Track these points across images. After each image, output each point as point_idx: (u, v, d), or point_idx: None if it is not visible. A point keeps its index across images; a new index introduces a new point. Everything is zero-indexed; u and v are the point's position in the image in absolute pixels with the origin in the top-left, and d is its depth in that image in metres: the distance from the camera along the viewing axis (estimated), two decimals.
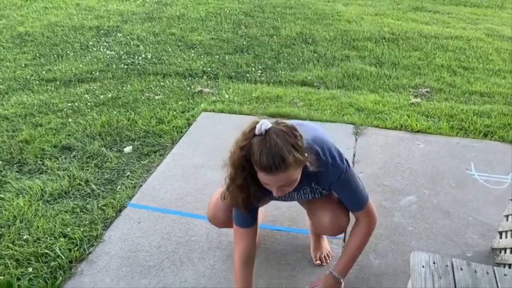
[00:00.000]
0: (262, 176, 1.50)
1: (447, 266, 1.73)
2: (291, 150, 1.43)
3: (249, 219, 1.78)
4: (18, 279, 2.08)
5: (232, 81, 4.46)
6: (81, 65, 4.76)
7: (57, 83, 4.40)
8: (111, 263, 2.20)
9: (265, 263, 2.19)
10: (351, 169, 1.72)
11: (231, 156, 1.55)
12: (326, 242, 2.23)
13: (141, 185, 2.77)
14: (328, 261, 2.18)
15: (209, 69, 4.71)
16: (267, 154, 1.41)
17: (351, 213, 1.90)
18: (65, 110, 3.77)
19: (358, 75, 4.56)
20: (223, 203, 1.89)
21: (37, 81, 4.41)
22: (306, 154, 1.52)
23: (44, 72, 4.64)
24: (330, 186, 1.77)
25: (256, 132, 1.44)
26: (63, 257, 2.18)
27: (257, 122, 1.46)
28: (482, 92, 4.18)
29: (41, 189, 2.69)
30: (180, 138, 3.30)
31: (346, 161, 1.72)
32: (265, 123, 1.44)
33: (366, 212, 1.83)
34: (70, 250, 2.24)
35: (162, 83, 4.35)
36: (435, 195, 2.65)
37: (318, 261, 2.17)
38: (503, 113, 3.62)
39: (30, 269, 2.12)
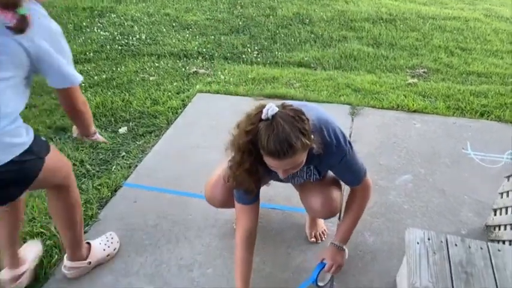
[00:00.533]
0: (269, 161, 1.48)
1: (442, 242, 1.75)
2: (298, 136, 1.41)
3: (251, 198, 1.77)
4: None
5: (228, 62, 4.42)
6: (74, 46, 4.70)
7: None
8: None
9: (261, 240, 2.18)
10: (353, 150, 1.72)
11: (235, 140, 1.53)
12: (321, 220, 2.23)
13: (136, 165, 2.76)
14: (323, 238, 2.19)
15: (204, 50, 4.66)
16: (275, 140, 1.38)
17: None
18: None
19: (356, 55, 4.53)
20: (221, 183, 1.89)
21: None
22: (312, 137, 1.50)
23: None
24: (331, 167, 1.78)
25: (263, 116, 1.41)
26: (59, 236, 2.17)
27: (263, 106, 1.43)
28: (479, 72, 4.16)
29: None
30: (175, 119, 3.28)
31: (349, 142, 1.70)
32: (272, 108, 1.40)
33: (362, 185, 1.83)
34: None
35: (156, 64, 4.30)
36: (431, 174, 2.66)
37: (313, 239, 2.18)
38: (500, 93, 3.61)
39: None
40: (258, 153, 1.49)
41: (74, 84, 1.59)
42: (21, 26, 1.35)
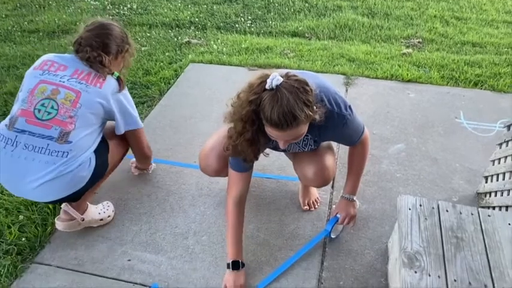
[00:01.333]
0: (271, 131, 1.48)
1: (433, 208, 1.77)
2: (302, 108, 1.40)
3: (246, 165, 1.78)
4: (9, 227, 2.08)
5: (221, 32, 4.35)
6: (64, 16, 4.59)
7: (40, 34, 4.26)
8: None
9: (255, 209, 2.21)
10: (353, 113, 1.71)
11: (236, 109, 1.52)
12: (314, 189, 2.25)
13: None
14: (316, 206, 2.21)
15: (197, 19, 4.58)
16: (279, 111, 1.37)
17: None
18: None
19: (350, 25, 4.46)
20: (216, 152, 1.89)
21: (19, 33, 4.27)
22: (315, 108, 1.49)
23: (25, 23, 4.48)
24: (331, 135, 1.77)
25: (267, 86, 1.39)
26: (53, 206, 2.18)
27: (267, 76, 1.41)
28: (474, 42, 4.12)
29: None
30: (168, 90, 3.25)
31: (350, 107, 1.69)
32: (276, 78, 1.38)
33: (361, 140, 1.86)
34: None
35: (148, 34, 4.23)
36: (424, 143, 2.67)
37: (306, 207, 2.20)
38: (494, 62, 3.59)
39: (20, 217, 2.12)
40: (260, 123, 1.49)
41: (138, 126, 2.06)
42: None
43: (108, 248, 2.02)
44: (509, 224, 1.69)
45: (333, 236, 2.02)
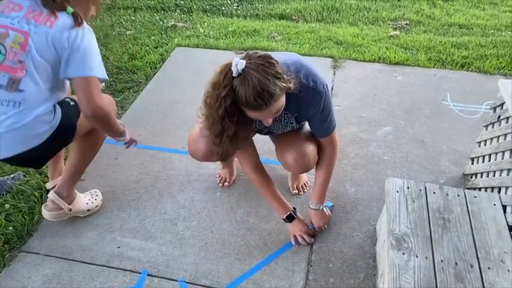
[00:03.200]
0: (252, 114, 1.47)
1: (420, 190, 1.79)
2: (274, 82, 1.39)
3: (243, 144, 1.73)
4: None
5: (207, 15, 4.29)
6: None
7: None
8: None
9: (244, 193, 2.21)
10: (329, 96, 1.70)
11: (210, 113, 1.50)
12: (304, 177, 2.26)
13: None
14: (305, 190, 2.22)
15: (182, 2, 4.50)
16: (254, 93, 1.37)
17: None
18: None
19: (338, 7, 4.43)
20: (204, 136, 1.86)
21: None
22: (286, 76, 1.47)
23: None
24: (307, 113, 1.74)
25: (234, 74, 1.38)
26: (40, 192, 2.15)
27: (229, 65, 1.39)
28: (461, 24, 4.13)
29: None
30: (154, 74, 3.21)
31: (327, 86, 1.67)
32: (239, 63, 1.37)
33: (331, 138, 1.85)
34: (47, 186, 2.21)
35: (133, 18, 4.15)
36: (411, 125, 2.69)
37: (295, 191, 2.21)
38: (481, 44, 3.61)
39: (6, 206, 2.10)
40: (239, 113, 1.48)
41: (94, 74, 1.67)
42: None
43: (97, 235, 2.01)
44: (495, 205, 1.72)
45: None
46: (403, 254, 1.52)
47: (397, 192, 1.77)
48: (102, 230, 2.03)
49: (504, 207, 1.71)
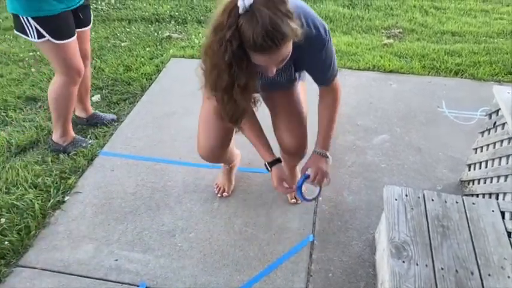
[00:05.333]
0: (260, 58, 1.29)
1: (419, 197, 1.79)
2: (286, 21, 1.21)
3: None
4: None
5: (202, 26, 4.30)
6: None
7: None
8: (85, 211, 2.17)
9: (242, 203, 2.20)
10: (331, 40, 1.57)
11: (217, 57, 1.29)
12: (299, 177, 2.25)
13: (112, 134, 2.70)
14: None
15: (177, 13, 4.51)
16: (263, 32, 1.18)
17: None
18: (27, 59, 3.58)
19: (331, 17, 4.46)
20: (214, 131, 1.82)
21: None
22: (298, 21, 1.30)
23: (0, 20, 4.36)
24: (309, 61, 1.61)
25: (241, 11, 1.18)
26: (36, 207, 2.13)
27: (230, 2, 1.20)
28: (453, 31, 4.17)
29: (7, 141, 2.59)
30: (149, 86, 3.20)
31: (329, 32, 1.54)
32: None
33: (334, 85, 1.70)
34: (42, 200, 2.19)
35: (127, 29, 4.15)
36: (407, 132, 2.70)
37: (293, 200, 2.20)
38: (474, 51, 3.64)
39: (2, 220, 2.07)
40: (248, 58, 1.30)
41: None
42: None
43: (94, 248, 1.99)
44: (493, 211, 1.72)
45: (308, 198, 1.90)
46: (403, 262, 1.52)
47: (396, 200, 1.77)
48: (99, 243, 2.01)
49: (502, 213, 1.71)
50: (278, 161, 1.76)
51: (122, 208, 2.20)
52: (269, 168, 1.76)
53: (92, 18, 2.42)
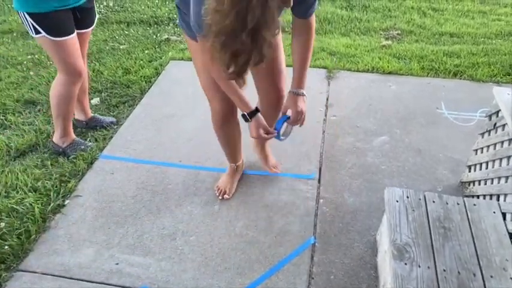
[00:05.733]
0: None
1: (420, 199, 1.79)
2: None
3: None
4: None
5: None
6: None
7: (14, 34, 4.14)
8: (86, 215, 2.17)
9: (243, 206, 2.20)
10: None
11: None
12: (271, 156, 2.40)
13: (111, 137, 2.70)
14: (279, 167, 2.38)
15: (175, 16, 4.51)
16: None
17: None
18: (25, 62, 3.57)
19: (330, 18, 4.47)
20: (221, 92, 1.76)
21: None
22: None
23: None
24: None
25: None
26: (36, 211, 2.12)
27: None
28: (451, 32, 4.18)
29: (6, 145, 2.58)
30: (149, 88, 3.20)
31: None
32: None
33: (311, 19, 1.68)
34: (42, 204, 2.19)
35: (126, 32, 4.15)
36: (407, 134, 2.70)
37: (274, 169, 2.33)
38: (472, 52, 3.65)
39: (2, 224, 2.06)
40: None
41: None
42: None
43: (94, 252, 1.98)
44: (494, 213, 1.72)
45: (282, 138, 1.91)
46: (405, 264, 1.52)
47: (397, 201, 1.77)
48: (99, 247, 2.01)
49: (504, 215, 1.71)
50: (257, 110, 1.78)
51: (122, 211, 2.19)
52: (249, 119, 1.77)
53: (94, 22, 2.42)
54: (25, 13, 2.08)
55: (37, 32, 2.13)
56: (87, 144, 2.59)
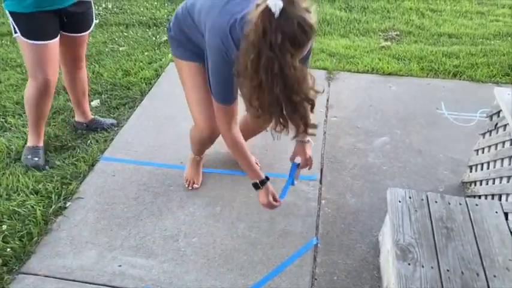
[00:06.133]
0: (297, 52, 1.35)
1: (422, 199, 1.80)
2: (310, 14, 1.29)
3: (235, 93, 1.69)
4: None
5: None
6: None
7: (13, 36, 4.13)
8: (87, 217, 2.16)
9: (245, 207, 2.20)
10: None
11: (276, 67, 1.30)
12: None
13: (112, 139, 2.69)
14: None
15: None
16: (298, 31, 1.26)
17: None
18: (25, 65, 3.55)
19: (329, 20, 4.48)
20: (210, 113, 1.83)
21: None
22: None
23: None
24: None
25: (276, 15, 1.24)
26: (38, 214, 2.12)
27: (263, 11, 1.25)
28: (450, 33, 4.20)
29: (7, 147, 2.57)
30: (149, 90, 3.20)
31: None
32: (275, 3, 1.23)
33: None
34: (44, 206, 2.18)
35: (125, 34, 4.15)
36: (407, 135, 2.71)
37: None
38: (471, 53, 3.67)
39: (4, 227, 2.06)
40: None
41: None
42: None
43: (97, 254, 1.98)
44: (497, 212, 1.73)
45: (296, 183, 2.00)
46: (409, 264, 1.52)
47: (400, 202, 1.77)
48: (102, 249, 2.00)
49: (506, 214, 1.72)
50: (267, 179, 1.86)
51: (124, 213, 2.19)
52: (260, 186, 1.85)
53: (91, 26, 2.40)
54: (8, 11, 2.09)
55: (15, 31, 2.12)
56: (36, 161, 2.46)
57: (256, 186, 1.86)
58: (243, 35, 1.36)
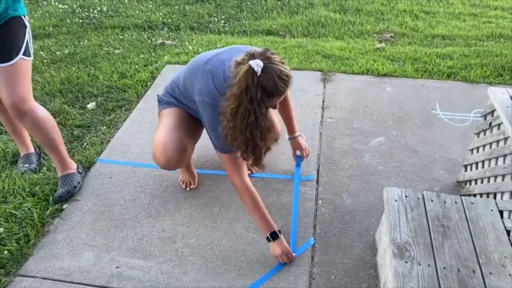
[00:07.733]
0: (275, 100, 1.63)
1: (418, 198, 1.81)
2: (285, 65, 1.58)
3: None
4: None
5: (195, 33, 4.32)
6: (32, 21, 4.46)
7: None
8: (85, 219, 2.16)
9: (242, 208, 2.21)
10: None
11: (252, 117, 1.58)
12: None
13: (109, 141, 2.70)
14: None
15: (169, 20, 4.53)
16: (279, 82, 1.54)
17: None
18: None
19: (323, 22, 4.51)
20: (172, 142, 1.96)
21: None
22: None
23: None
24: None
25: (259, 74, 1.50)
26: (35, 216, 2.11)
27: (247, 71, 1.50)
28: (444, 35, 4.24)
29: (3, 150, 2.57)
30: (145, 92, 3.20)
31: None
32: (257, 64, 1.50)
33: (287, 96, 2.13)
34: (41, 209, 2.18)
35: (121, 37, 4.15)
36: (403, 135, 2.72)
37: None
38: (465, 54, 3.70)
39: (1, 229, 2.05)
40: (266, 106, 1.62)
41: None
42: None
43: (95, 256, 1.97)
44: (492, 210, 1.75)
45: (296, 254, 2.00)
46: (406, 262, 1.53)
47: (396, 201, 1.79)
48: (99, 251, 2.00)
49: (501, 212, 1.74)
50: (277, 234, 1.92)
51: (122, 215, 2.19)
52: (271, 239, 1.91)
53: (10, 59, 1.90)
54: None
55: None
56: (28, 167, 2.43)
57: (268, 239, 1.91)
58: (227, 86, 1.62)
